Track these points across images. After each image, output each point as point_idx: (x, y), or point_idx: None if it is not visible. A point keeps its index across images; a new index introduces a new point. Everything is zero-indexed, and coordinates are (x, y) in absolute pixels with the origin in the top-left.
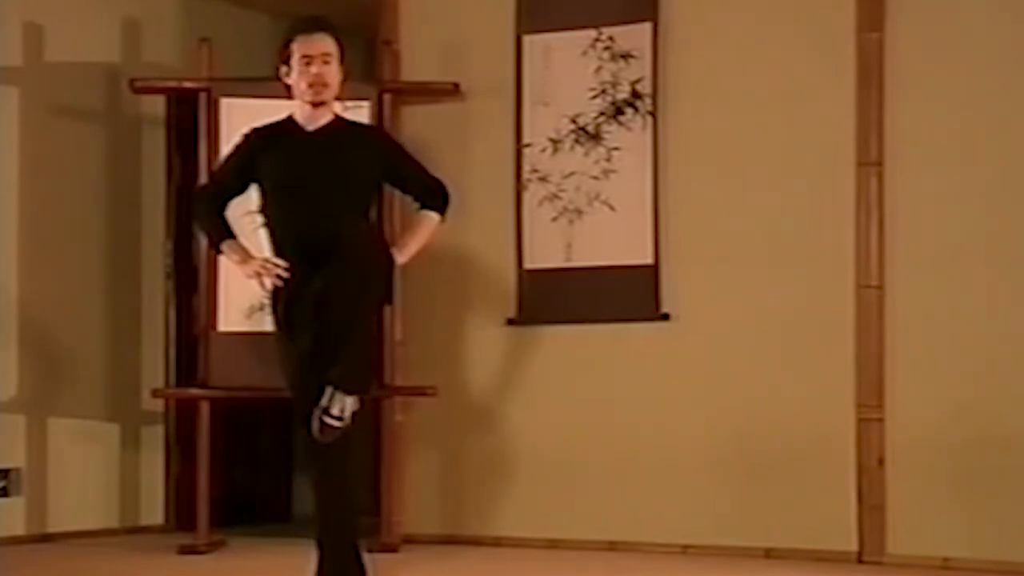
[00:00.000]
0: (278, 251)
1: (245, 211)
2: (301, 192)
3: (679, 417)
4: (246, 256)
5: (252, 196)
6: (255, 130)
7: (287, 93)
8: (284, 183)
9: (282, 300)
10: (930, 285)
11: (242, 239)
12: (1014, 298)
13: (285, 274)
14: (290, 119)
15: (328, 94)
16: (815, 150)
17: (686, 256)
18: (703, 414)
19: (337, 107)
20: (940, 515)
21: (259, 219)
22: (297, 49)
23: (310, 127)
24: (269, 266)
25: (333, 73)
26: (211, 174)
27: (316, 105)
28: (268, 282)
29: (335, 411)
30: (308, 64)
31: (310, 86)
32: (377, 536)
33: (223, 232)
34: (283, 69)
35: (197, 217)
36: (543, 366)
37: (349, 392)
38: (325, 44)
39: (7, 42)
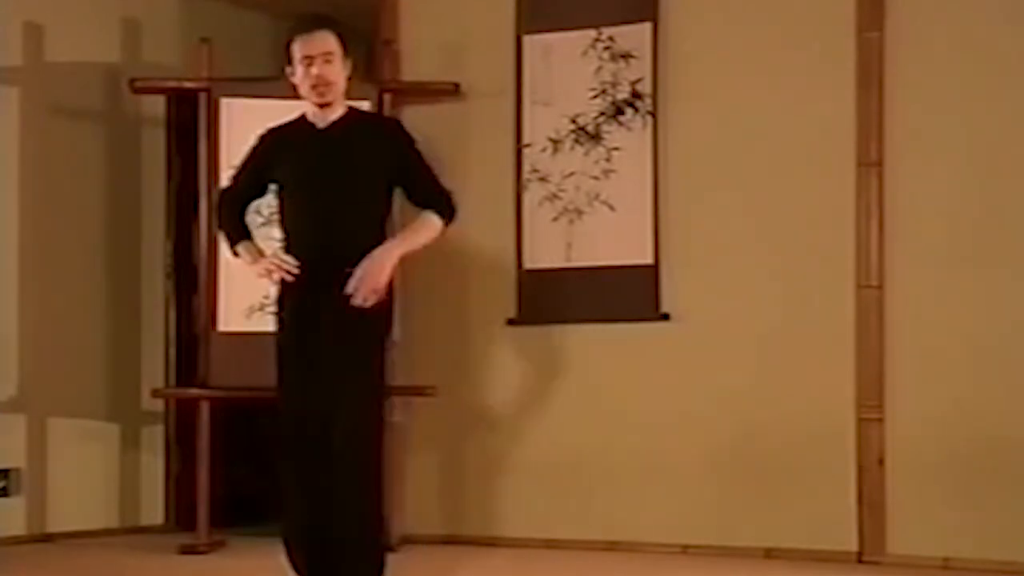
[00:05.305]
0: (290, 251)
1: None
2: (312, 190)
3: (679, 417)
4: (257, 256)
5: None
6: (270, 130)
7: (296, 93)
8: (295, 182)
9: (290, 302)
10: (930, 285)
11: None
12: (1014, 298)
13: (295, 270)
14: (303, 117)
15: (332, 94)
16: (815, 150)
17: (686, 256)
18: (703, 414)
19: None
20: (940, 515)
21: (259, 219)
22: (298, 50)
23: (321, 124)
24: (278, 262)
25: (336, 71)
26: (231, 177)
27: (322, 106)
28: (276, 276)
29: None
30: (309, 65)
31: (313, 88)
32: None
33: (241, 234)
34: (288, 69)
35: (219, 220)
36: (543, 366)
37: None
38: (326, 43)
39: (7, 42)
